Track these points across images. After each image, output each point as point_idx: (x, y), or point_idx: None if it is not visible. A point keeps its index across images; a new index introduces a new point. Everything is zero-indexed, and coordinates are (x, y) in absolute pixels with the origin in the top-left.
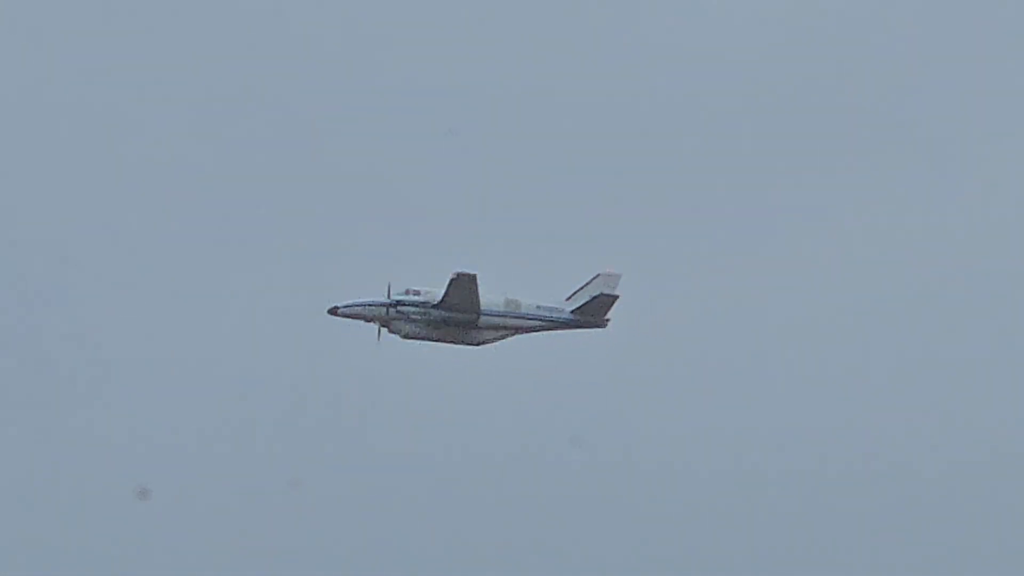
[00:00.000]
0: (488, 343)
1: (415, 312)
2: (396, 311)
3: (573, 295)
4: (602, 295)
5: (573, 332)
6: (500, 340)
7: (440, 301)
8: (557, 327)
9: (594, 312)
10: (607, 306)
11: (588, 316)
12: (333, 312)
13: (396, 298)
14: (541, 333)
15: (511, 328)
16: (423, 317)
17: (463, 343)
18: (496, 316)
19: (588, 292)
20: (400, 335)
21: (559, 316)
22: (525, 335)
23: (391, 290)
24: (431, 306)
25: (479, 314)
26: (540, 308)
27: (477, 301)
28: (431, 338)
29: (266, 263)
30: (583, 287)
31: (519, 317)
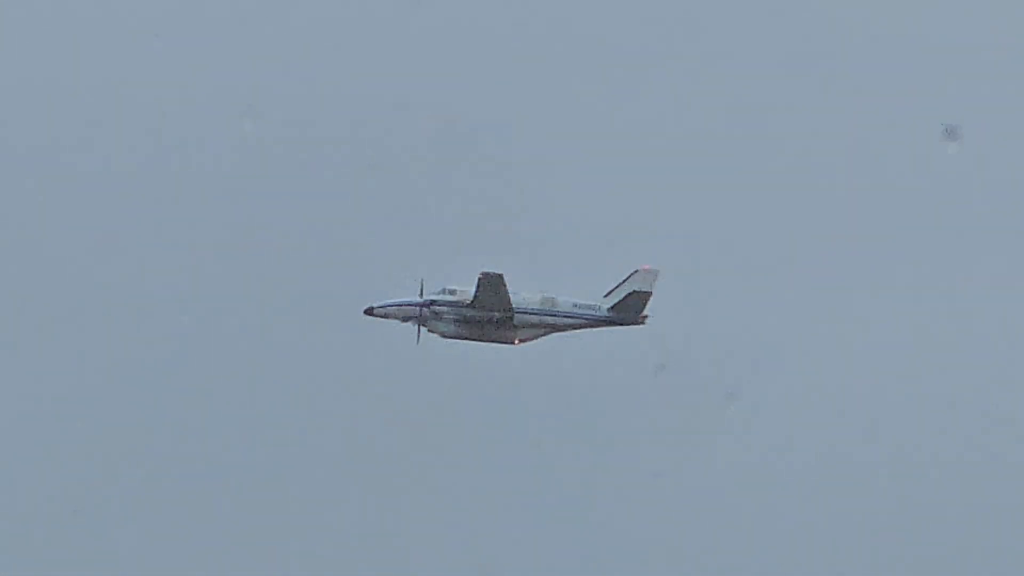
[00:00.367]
0: (526, 341)
1: (448, 312)
2: (430, 311)
3: (611, 292)
4: (635, 292)
5: (611, 329)
6: (538, 338)
7: (471, 301)
8: (594, 325)
9: (629, 309)
10: (641, 303)
11: (623, 313)
12: (369, 312)
13: (430, 298)
14: (578, 331)
15: (547, 326)
16: (457, 316)
17: (500, 342)
18: (531, 314)
19: (624, 289)
20: (439, 334)
21: (595, 314)
22: (562, 333)
23: (424, 289)
24: (464, 305)
25: (512, 312)
26: (577, 306)
27: (507, 300)
28: (468, 337)
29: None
30: (620, 284)
31: (555, 315)
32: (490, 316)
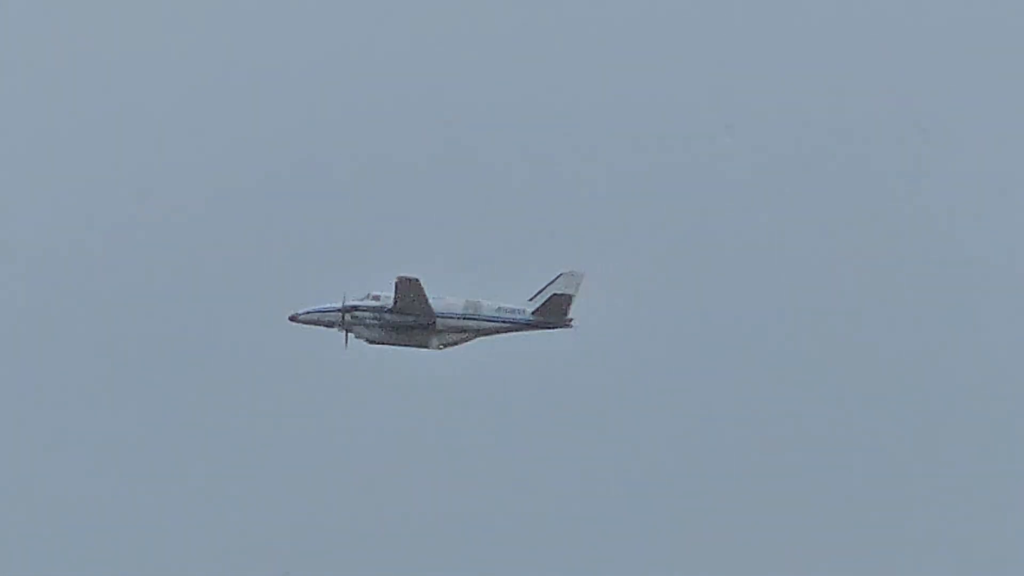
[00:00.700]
0: (450, 346)
1: (370, 317)
2: (352, 317)
3: (536, 295)
4: (555, 295)
5: (538, 333)
6: (462, 343)
7: (392, 306)
8: (519, 329)
9: (551, 312)
10: (562, 306)
11: (546, 317)
12: (293, 319)
13: (351, 303)
14: (503, 335)
15: (471, 331)
16: (379, 322)
17: (424, 347)
18: (454, 319)
19: (547, 292)
20: (364, 340)
21: (519, 318)
22: (487, 337)
23: (346, 296)
24: (385, 311)
25: (433, 317)
26: (501, 310)
27: (427, 305)
28: (393, 342)
29: (232, 268)
30: (545, 287)
31: (479, 319)
32: (412, 321)
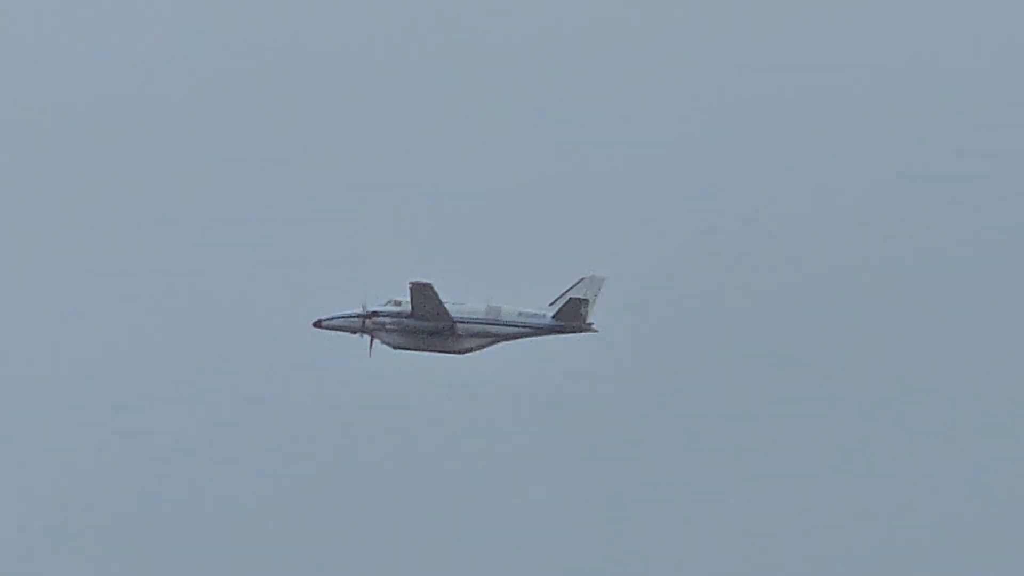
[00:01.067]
0: (472, 351)
1: (391, 323)
2: (372, 322)
3: (555, 300)
4: (571, 299)
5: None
6: (484, 348)
7: (411, 311)
8: (539, 333)
9: (568, 317)
10: (579, 310)
11: (563, 321)
12: (317, 325)
13: (372, 309)
14: (525, 340)
15: (492, 336)
16: (400, 327)
17: (447, 352)
18: (475, 323)
19: (566, 297)
20: (389, 346)
21: (539, 322)
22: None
23: (367, 302)
24: (405, 316)
25: (452, 322)
26: (521, 314)
27: (443, 309)
28: (416, 348)
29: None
30: (565, 292)
31: (499, 324)
32: (431, 326)
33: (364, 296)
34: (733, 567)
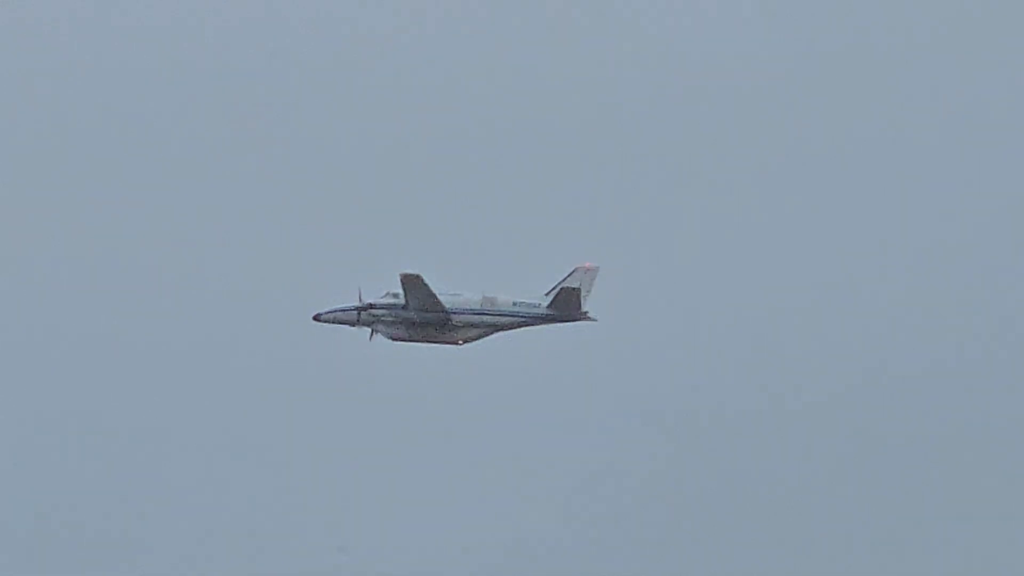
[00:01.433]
0: (469, 341)
1: (387, 315)
2: (369, 315)
3: (551, 290)
4: (564, 289)
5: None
6: (481, 338)
7: (405, 303)
8: (535, 323)
9: (562, 306)
10: (572, 299)
11: (557, 310)
12: (316, 318)
13: (369, 302)
14: (521, 329)
15: (488, 325)
16: (396, 319)
17: (444, 342)
18: (471, 314)
19: (560, 286)
20: (388, 338)
21: (535, 311)
22: (506, 332)
23: (362, 294)
24: (400, 307)
25: (447, 312)
26: (516, 304)
27: (435, 299)
28: (414, 339)
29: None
30: (560, 282)
31: (495, 314)
32: (428, 317)
33: (360, 289)
34: (732, 564)
